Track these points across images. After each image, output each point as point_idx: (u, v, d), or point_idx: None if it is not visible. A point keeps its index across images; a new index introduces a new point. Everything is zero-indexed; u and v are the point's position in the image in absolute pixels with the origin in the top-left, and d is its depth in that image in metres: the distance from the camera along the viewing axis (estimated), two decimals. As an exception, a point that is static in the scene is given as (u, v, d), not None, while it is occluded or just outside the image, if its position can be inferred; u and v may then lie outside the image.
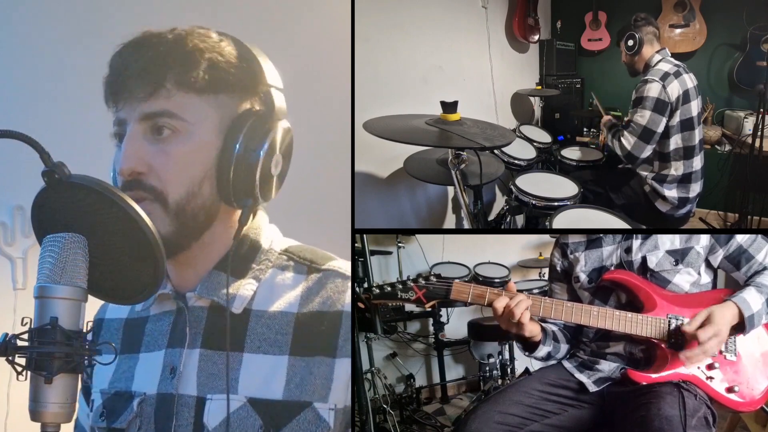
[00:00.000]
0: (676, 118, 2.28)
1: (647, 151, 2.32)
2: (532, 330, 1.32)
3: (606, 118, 2.63)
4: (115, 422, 0.99)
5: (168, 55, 0.92)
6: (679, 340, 1.29)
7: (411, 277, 1.30)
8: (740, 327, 1.29)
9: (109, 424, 1.00)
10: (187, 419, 0.93)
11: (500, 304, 1.27)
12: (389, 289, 1.29)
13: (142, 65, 0.91)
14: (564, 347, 1.45)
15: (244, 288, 0.98)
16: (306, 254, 1.03)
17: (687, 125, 2.30)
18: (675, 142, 2.32)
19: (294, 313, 0.96)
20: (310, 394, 0.92)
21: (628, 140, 2.31)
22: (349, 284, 0.99)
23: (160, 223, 0.90)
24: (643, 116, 2.27)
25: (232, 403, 0.92)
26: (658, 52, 2.37)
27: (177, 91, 0.92)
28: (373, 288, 1.30)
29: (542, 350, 1.40)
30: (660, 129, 2.27)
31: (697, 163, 2.36)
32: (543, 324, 1.40)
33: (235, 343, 0.95)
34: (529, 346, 1.39)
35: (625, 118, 2.41)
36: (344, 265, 1.02)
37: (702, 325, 1.26)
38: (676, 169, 2.34)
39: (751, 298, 1.29)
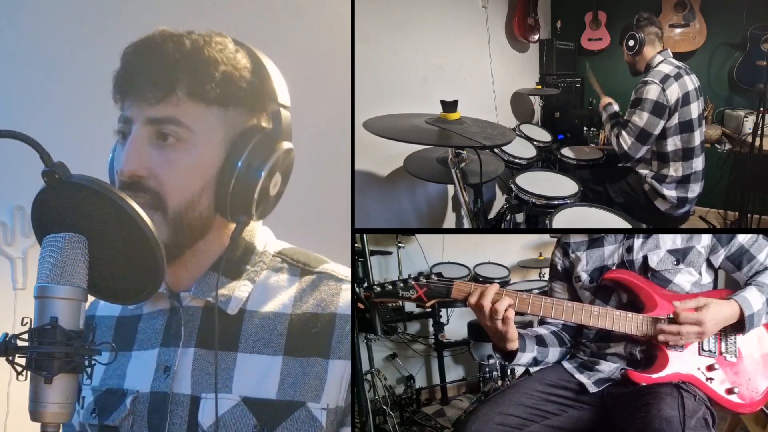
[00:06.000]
0: (675, 120, 2.28)
1: (643, 152, 2.33)
2: (512, 335, 1.28)
3: (605, 100, 2.58)
4: (107, 419, 0.99)
5: (183, 63, 0.92)
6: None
7: (412, 276, 1.30)
8: (740, 326, 1.29)
9: (101, 421, 1.00)
10: (182, 418, 0.94)
11: (473, 298, 1.24)
12: (390, 287, 1.30)
13: (156, 68, 0.91)
14: (555, 351, 1.43)
15: (240, 289, 0.99)
16: (299, 257, 1.04)
17: (686, 127, 2.30)
18: (673, 143, 2.32)
19: (288, 314, 0.97)
20: (303, 394, 0.93)
21: (626, 140, 2.32)
22: (342, 287, 1.00)
23: (157, 231, 0.91)
24: (641, 118, 2.27)
25: (227, 402, 0.93)
26: (659, 53, 2.36)
27: (187, 99, 0.92)
28: (375, 287, 1.30)
29: (523, 357, 1.36)
30: (657, 131, 2.28)
31: (698, 164, 2.36)
32: (522, 331, 1.37)
33: (230, 343, 0.96)
34: (507, 355, 1.33)
35: (624, 117, 2.41)
36: (337, 268, 1.03)
37: (695, 310, 1.26)
38: (676, 170, 2.34)
39: (752, 297, 1.30)
